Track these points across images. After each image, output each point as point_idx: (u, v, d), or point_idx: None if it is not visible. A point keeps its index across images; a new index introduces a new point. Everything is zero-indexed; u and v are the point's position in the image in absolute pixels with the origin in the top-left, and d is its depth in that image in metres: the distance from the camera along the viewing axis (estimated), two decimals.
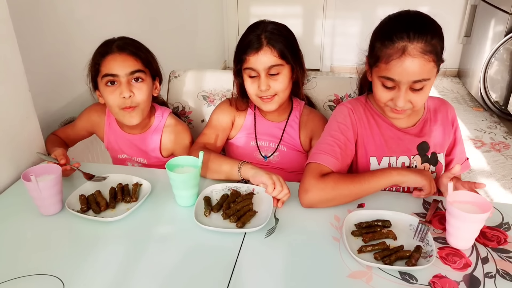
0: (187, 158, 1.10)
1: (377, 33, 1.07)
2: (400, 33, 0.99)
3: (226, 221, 1.00)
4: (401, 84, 1.02)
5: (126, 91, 1.21)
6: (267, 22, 1.24)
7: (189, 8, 3.28)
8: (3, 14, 1.11)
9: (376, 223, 0.97)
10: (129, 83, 1.22)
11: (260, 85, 1.22)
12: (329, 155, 1.09)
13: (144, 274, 0.86)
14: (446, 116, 1.21)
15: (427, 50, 0.98)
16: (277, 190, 1.03)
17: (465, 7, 4.01)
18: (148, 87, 1.26)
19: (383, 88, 1.06)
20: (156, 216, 1.04)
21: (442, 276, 0.84)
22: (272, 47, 1.19)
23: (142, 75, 1.24)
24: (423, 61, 0.98)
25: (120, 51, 1.22)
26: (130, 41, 1.26)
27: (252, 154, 1.35)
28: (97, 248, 0.93)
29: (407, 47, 0.98)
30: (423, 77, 1.00)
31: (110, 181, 1.14)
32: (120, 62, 1.21)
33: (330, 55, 4.48)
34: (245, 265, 0.88)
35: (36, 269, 0.87)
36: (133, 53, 1.23)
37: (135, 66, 1.22)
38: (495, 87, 3.38)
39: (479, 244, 0.93)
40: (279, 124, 1.36)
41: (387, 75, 1.02)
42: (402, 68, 0.99)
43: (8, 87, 1.15)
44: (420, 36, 0.97)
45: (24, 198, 1.07)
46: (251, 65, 1.21)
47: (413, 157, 1.16)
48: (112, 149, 1.41)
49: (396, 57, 0.99)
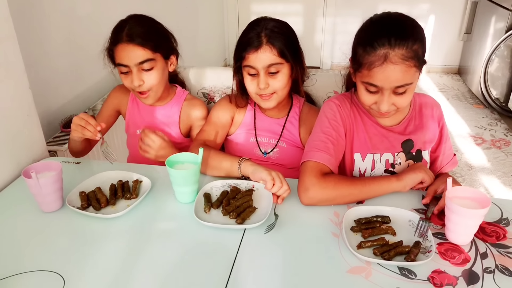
0: (187, 155, 1.10)
1: (359, 38, 1.08)
2: (381, 40, 0.99)
3: (226, 218, 1.01)
4: (384, 90, 1.03)
5: (136, 80, 1.26)
6: (268, 19, 1.24)
7: (190, 6, 3.28)
8: (3, 12, 1.11)
9: (375, 219, 0.97)
10: (140, 71, 1.26)
11: (259, 83, 1.22)
12: (324, 152, 1.09)
13: (144, 270, 0.86)
14: (431, 114, 1.21)
15: (408, 57, 0.98)
16: (276, 186, 1.04)
17: (466, 4, 4.01)
18: (158, 72, 1.29)
19: (366, 92, 1.07)
20: (156, 213, 1.05)
21: (441, 271, 0.85)
22: (272, 45, 1.19)
23: (152, 63, 1.26)
24: (405, 67, 0.99)
25: (128, 41, 1.23)
26: (140, 26, 1.26)
27: (252, 150, 1.35)
28: (98, 244, 0.94)
29: (388, 54, 0.98)
30: (406, 82, 1.01)
31: (111, 177, 1.14)
32: (129, 53, 1.23)
33: (330, 53, 4.48)
34: (245, 261, 0.88)
35: (37, 266, 0.87)
36: (142, 43, 1.23)
37: (143, 56, 1.24)
38: (495, 84, 3.38)
39: (478, 239, 0.94)
40: (279, 120, 1.36)
41: (369, 81, 1.03)
42: (384, 75, 1.00)
43: (9, 84, 1.16)
44: (401, 43, 0.98)
45: (25, 195, 1.08)
46: (250, 63, 1.21)
47: (397, 154, 1.17)
48: (132, 124, 1.44)
49: (378, 64, 0.99)
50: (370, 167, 1.17)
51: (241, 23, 4.43)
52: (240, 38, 1.25)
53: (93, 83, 1.95)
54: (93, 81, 1.94)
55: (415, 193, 1.11)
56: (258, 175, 1.08)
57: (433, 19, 4.10)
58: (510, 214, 1.02)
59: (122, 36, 1.23)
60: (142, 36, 1.23)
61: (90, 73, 1.94)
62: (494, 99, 3.41)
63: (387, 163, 1.18)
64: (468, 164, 2.73)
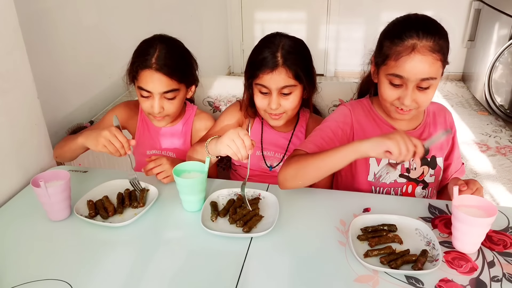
0: (193, 164, 1.11)
1: (386, 33, 1.09)
2: (409, 32, 1.01)
3: (233, 226, 1.01)
4: (409, 82, 1.03)
5: (157, 107, 1.24)
6: (283, 36, 1.21)
7: (194, 14, 3.31)
8: (13, 23, 1.13)
9: (382, 227, 0.97)
10: (162, 98, 1.24)
11: (271, 103, 1.20)
12: (312, 143, 1.12)
13: (151, 279, 0.87)
14: (444, 121, 1.23)
15: (435, 49, 1.00)
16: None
17: (469, 11, 4.02)
18: (180, 100, 1.28)
19: (390, 86, 1.07)
20: (163, 221, 1.05)
21: (449, 280, 0.85)
22: (288, 68, 1.17)
23: (175, 93, 1.25)
24: (432, 59, 1.00)
25: (157, 69, 1.20)
26: (170, 55, 1.23)
27: (258, 164, 1.35)
28: (105, 253, 0.94)
29: (416, 45, 1.00)
30: (431, 75, 1.02)
31: (118, 186, 1.15)
32: (155, 81, 1.21)
33: (334, 60, 4.49)
34: (252, 269, 0.89)
35: (45, 274, 0.88)
36: (169, 73, 1.21)
37: (169, 86, 1.22)
38: (499, 91, 3.38)
39: (485, 248, 0.93)
40: (286, 134, 1.35)
41: (396, 72, 1.04)
42: (411, 65, 1.01)
43: (18, 94, 1.17)
44: (429, 35, 1.00)
45: (33, 204, 1.08)
46: (263, 83, 1.19)
47: (412, 159, 1.17)
48: (142, 144, 1.40)
49: (406, 54, 1.01)
50: (385, 171, 1.16)
51: (245, 30, 4.46)
52: (253, 54, 1.23)
53: (99, 91, 1.96)
54: (99, 90, 1.96)
55: (421, 201, 1.11)
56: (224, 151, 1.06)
57: None
58: None
59: (150, 62, 1.20)
60: (172, 66, 1.21)
61: (97, 82, 1.95)
62: (498, 105, 3.40)
63: (403, 167, 1.18)
64: (473, 171, 2.72)
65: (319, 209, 1.08)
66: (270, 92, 1.20)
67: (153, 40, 1.25)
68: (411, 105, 1.06)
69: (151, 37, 1.28)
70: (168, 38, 1.29)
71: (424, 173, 1.20)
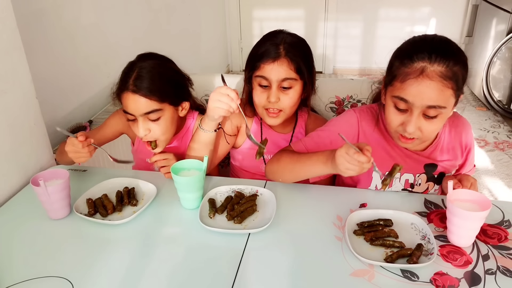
0: (192, 162, 1.12)
1: (398, 52, 1.03)
2: (421, 53, 0.94)
3: (231, 223, 1.02)
4: (414, 108, 0.96)
5: (142, 130, 1.19)
6: (286, 33, 1.21)
7: (192, 13, 3.32)
8: (11, 24, 1.14)
9: (377, 222, 0.99)
10: (146, 120, 1.19)
11: (270, 96, 1.18)
12: (303, 144, 1.13)
13: (150, 275, 0.88)
14: (460, 143, 1.17)
15: (447, 76, 0.93)
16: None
17: (467, 7, 4.02)
18: (166, 121, 1.22)
19: (395, 110, 1.01)
20: (161, 219, 1.06)
21: (443, 273, 0.86)
22: (290, 59, 1.16)
23: (158, 113, 1.19)
24: (441, 86, 0.93)
25: (133, 91, 1.16)
26: (147, 75, 1.17)
27: (258, 167, 1.36)
28: (105, 250, 0.95)
29: (426, 68, 0.93)
30: (439, 103, 0.95)
31: (117, 184, 1.16)
32: (134, 103, 1.16)
33: (332, 57, 4.50)
34: (250, 264, 0.90)
35: (45, 272, 0.89)
36: (148, 93, 1.16)
37: (148, 106, 1.17)
38: (497, 86, 3.39)
39: (480, 241, 0.95)
40: (285, 135, 1.35)
41: (400, 95, 0.97)
42: (417, 90, 0.94)
43: (16, 94, 1.18)
44: (442, 60, 0.93)
45: (33, 203, 1.10)
46: (264, 74, 1.18)
47: (418, 175, 1.15)
48: (141, 152, 1.38)
49: (413, 77, 0.94)
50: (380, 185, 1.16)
51: (243, 29, 4.47)
52: (255, 47, 1.22)
53: (98, 90, 1.97)
54: (98, 89, 1.97)
55: (417, 196, 1.12)
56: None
57: (434, 22, 4.12)
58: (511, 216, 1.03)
59: (128, 84, 1.16)
60: (148, 86, 1.16)
61: (95, 81, 1.96)
62: (496, 101, 3.41)
63: (407, 183, 1.16)
64: None
65: (316, 205, 1.09)
66: (270, 85, 1.18)
67: (135, 61, 1.22)
68: (415, 133, 0.99)
69: (135, 58, 1.24)
70: (150, 57, 1.24)
71: (428, 189, 1.18)
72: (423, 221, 0.98)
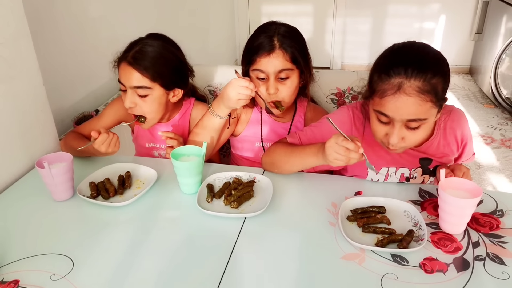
0: (191, 148, 1.15)
1: (377, 65, 1.03)
2: (398, 68, 0.94)
3: (227, 207, 1.05)
4: (395, 121, 0.98)
5: (128, 101, 1.24)
6: (279, 24, 1.23)
7: (200, 7, 3.34)
8: (18, 11, 1.18)
9: (371, 209, 1.00)
10: (134, 94, 1.23)
11: (269, 88, 1.21)
12: (297, 137, 1.17)
13: (148, 256, 0.91)
14: (455, 138, 1.16)
15: (424, 90, 0.93)
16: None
17: (477, 3, 3.99)
18: (154, 101, 1.25)
19: (378, 122, 1.02)
20: (161, 202, 1.09)
21: (433, 259, 0.87)
22: (285, 50, 1.18)
23: (147, 90, 1.23)
24: (419, 101, 0.93)
25: (130, 63, 1.21)
26: (148, 52, 1.22)
27: (258, 155, 1.38)
28: (106, 231, 0.99)
29: (403, 84, 0.93)
30: (419, 117, 0.95)
31: (119, 169, 1.20)
32: (127, 74, 1.22)
33: (341, 53, 4.49)
34: (244, 246, 0.93)
35: (49, 249, 0.93)
36: (142, 69, 1.20)
37: (139, 81, 1.21)
38: (506, 84, 3.36)
39: (472, 229, 0.96)
40: (285, 124, 1.37)
41: (380, 110, 0.98)
42: (395, 106, 0.95)
43: (24, 81, 1.22)
44: (418, 74, 0.92)
45: (38, 185, 1.14)
46: (261, 67, 1.20)
47: (414, 170, 1.16)
48: (140, 137, 1.43)
49: (391, 93, 0.94)
50: (382, 178, 1.16)
51: (252, 24, 4.48)
52: (249, 41, 1.24)
53: (105, 81, 2.01)
54: (105, 79, 2.01)
55: (412, 185, 1.13)
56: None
57: (444, 19, 4.09)
58: (505, 205, 1.04)
59: (128, 56, 1.21)
60: (145, 63, 1.20)
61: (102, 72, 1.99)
62: (504, 98, 3.38)
63: (402, 177, 1.17)
64: (476, 163, 2.73)
65: (312, 192, 1.12)
66: (268, 77, 1.21)
67: (143, 37, 1.27)
68: (398, 144, 1.00)
69: (145, 35, 1.28)
70: (158, 37, 1.28)
71: (424, 181, 1.19)
72: (415, 208, 1.00)
